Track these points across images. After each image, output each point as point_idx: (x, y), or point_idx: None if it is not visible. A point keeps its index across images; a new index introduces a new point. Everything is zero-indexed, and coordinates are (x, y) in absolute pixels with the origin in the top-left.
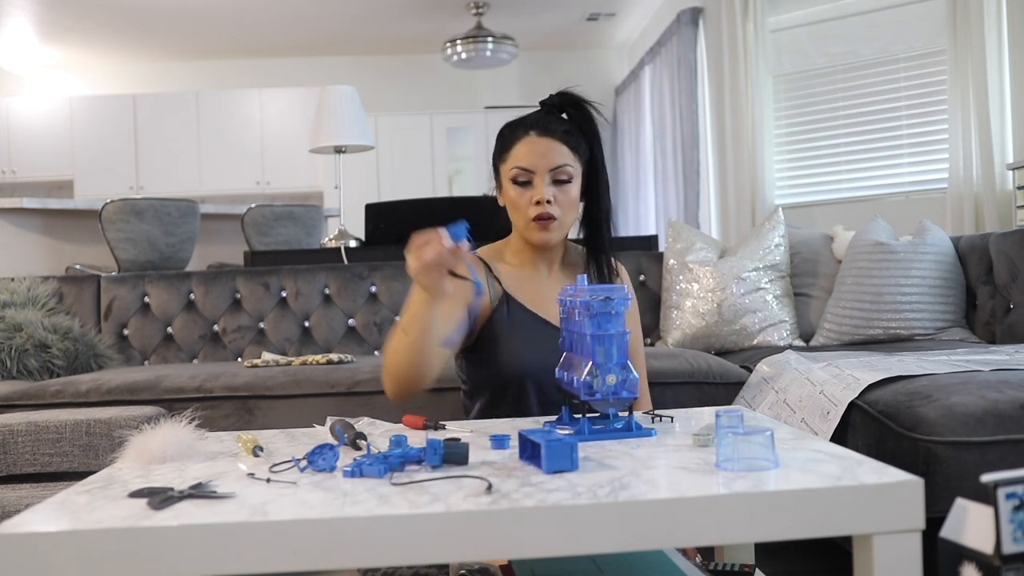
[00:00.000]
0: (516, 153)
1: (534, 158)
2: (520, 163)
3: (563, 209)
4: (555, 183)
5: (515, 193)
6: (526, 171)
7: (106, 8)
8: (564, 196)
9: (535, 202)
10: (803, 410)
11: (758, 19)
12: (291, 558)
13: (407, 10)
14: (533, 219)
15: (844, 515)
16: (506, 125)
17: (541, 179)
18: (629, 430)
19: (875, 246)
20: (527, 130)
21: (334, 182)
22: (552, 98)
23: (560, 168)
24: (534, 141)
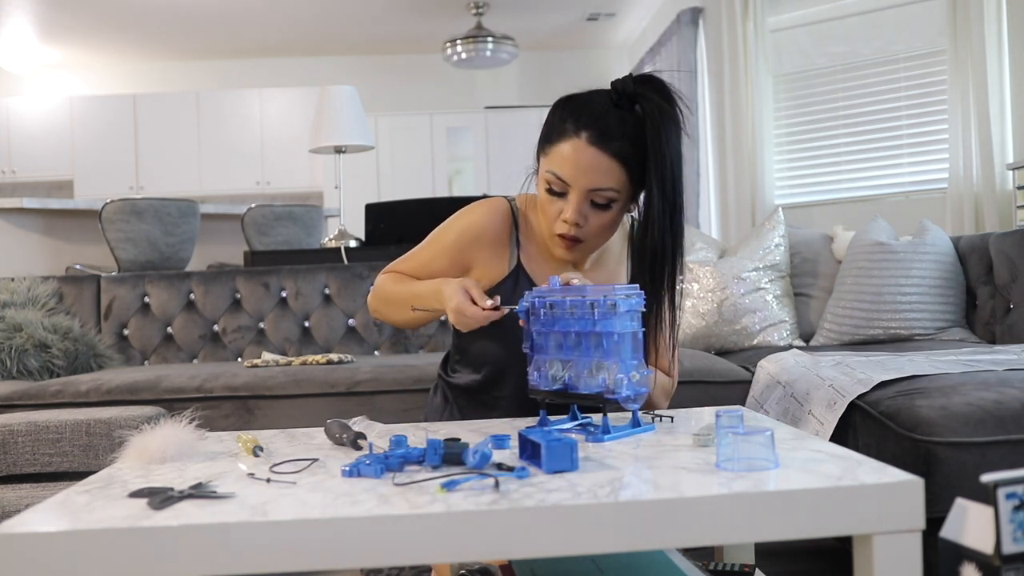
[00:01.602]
0: (558, 153)
1: (574, 171)
2: (557, 170)
3: (592, 233)
4: (594, 205)
5: (546, 198)
6: (561, 180)
7: (106, 8)
8: (598, 219)
9: (563, 219)
10: (810, 402)
11: (758, 19)
12: (291, 558)
13: (407, 10)
14: (557, 234)
15: (844, 515)
16: (561, 105)
17: (576, 196)
18: (638, 425)
19: (875, 246)
20: (579, 130)
21: (334, 182)
22: (627, 82)
23: (600, 191)
24: (581, 149)
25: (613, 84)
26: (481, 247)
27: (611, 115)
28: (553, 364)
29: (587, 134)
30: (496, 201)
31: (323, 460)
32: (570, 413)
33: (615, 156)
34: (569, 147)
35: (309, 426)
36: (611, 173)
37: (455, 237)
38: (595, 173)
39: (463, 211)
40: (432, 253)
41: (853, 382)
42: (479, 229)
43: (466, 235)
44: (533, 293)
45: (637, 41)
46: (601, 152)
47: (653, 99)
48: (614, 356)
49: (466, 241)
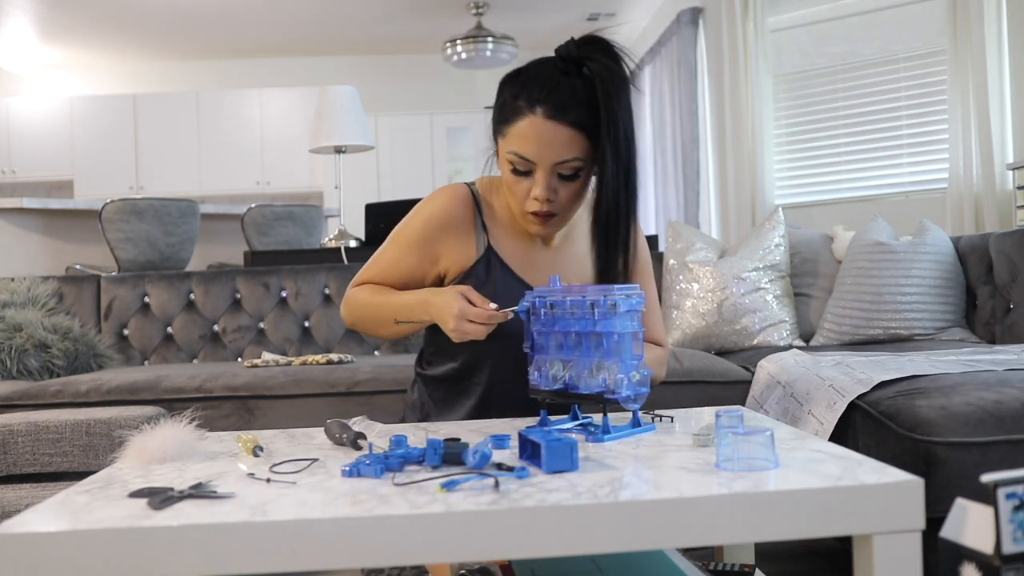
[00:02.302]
0: (517, 132)
1: (537, 148)
2: (519, 149)
3: (564, 205)
4: (559, 176)
5: (512, 179)
6: (525, 160)
7: (106, 8)
8: (567, 191)
9: (533, 196)
10: (810, 402)
11: (758, 19)
12: (291, 558)
13: (407, 10)
14: (530, 212)
15: (844, 515)
16: (509, 83)
17: (543, 172)
18: (638, 425)
19: (875, 246)
20: (533, 105)
21: (334, 182)
22: (570, 48)
23: (566, 163)
24: (539, 124)
25: (557, 51)
26: (447, 234)
27: (562, 84)
28: (554, 364)
29: (542, 109)
30: (454, 187)
31: (323, 460)
32: (571, 413)
33: (573, 125)
34: (527, 124)
35: (309, 426)
36: (573, 143)
37: (420, 229)
38: (558, 146)
39: (422, 202)
40: (398, 251)
41: (853, 382)
42: (443, 216)
43: (431, 225)
44: (534, 293)
45: (637, 41)
46: (559, 124)
47: (599, 59)
48: (614, 356)
49: (432, 231)
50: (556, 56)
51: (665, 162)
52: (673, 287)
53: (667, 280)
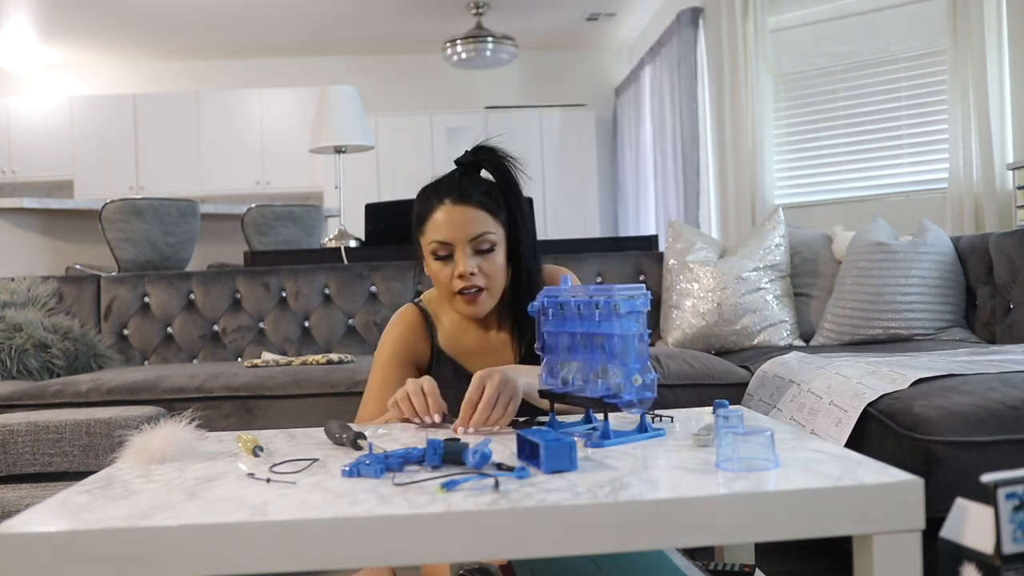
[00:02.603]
0: (433, 224)
1: (452, 230)
2: (438, 236)
3: (489, 278)
4: (477, 252)
5: (436, 267)
6: (445, 244)
7: (106, 8)
8: (488, 265)
9: (458, 275)
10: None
11: (758, 19)
12: (291, 558)
13: (407, 10)
14: (457, 292)
15: (844, 515)
16: (422, 191)
17: (462, 251)
18: (645, 431)
19: (875, 246)
20: (442, 198)
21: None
22: (467, 155)
23: (480, 237)
24: (450, 210)
25: (456, 161)
26: (410, 344)
27: (463, 180)
28: (564, 366)
29: (449, 199)
30: (405, 309)
31: (323, 460)
32: (584, 415)
33: (478, 206)
34: (439, 214)
35: (309, 426)
36: (481, 220)
37: (391, 349)
38: (470, 224)
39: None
40: (385, 373)
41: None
42: (404, 332)
43: (397, 342)
44: (544, 293)
45: (637, 41)
46: (466, 206)
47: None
48: (616, 359)
49: (399, 346)
50: (456, 165)
51: (665, 162)
52: (673, 287)
53: (667, 280)
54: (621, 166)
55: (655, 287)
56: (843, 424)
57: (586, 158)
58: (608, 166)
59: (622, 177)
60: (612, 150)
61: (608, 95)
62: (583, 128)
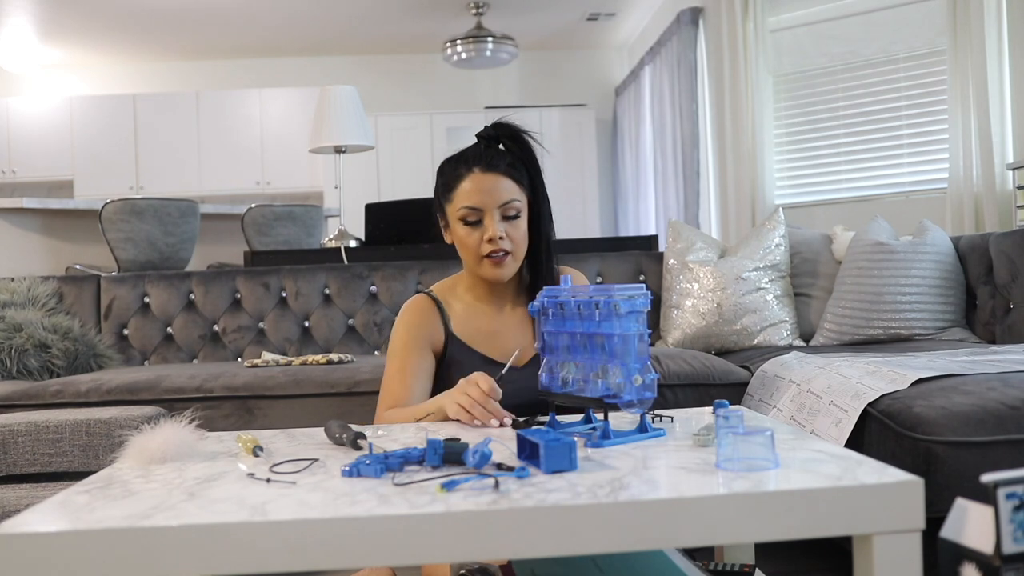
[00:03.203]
0: (462, 191)
1: (482, 196)
2: (468, 202)
3: (515, 244)
4: (504, 219)
5: (464, 232)
6: (475, 210)
7: (106, 8)
8: (514, 231)
9: (487, 240)
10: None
11: (758, 19)
12: (291, 558)
13: (407, 10)
14: (485, 256)
15: (844, 515)
16: (446, 162)
17: (491, 216)
18: (645, 431)
19: (875, 246)
20: (470, 167)
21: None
22: (488, 130)
23: (508, 204)
24: (480, 178)
25: (478, 135)
26: (424, 328)
27: (489, 151)
28: (564, 366)
29: (478, 167)
30: (414, 299)
31: (323, 460)
32: (584, 415)
33: (505, 174)
34: (469, 182)
35: (309, 426)
36: (509, 187)
37: (406, 335)
38: (498, 191)
39: (397, 319)
40: (403, 359)
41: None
42: (414, 323)
43: (411, 326)
44: (544, 293)
45: (637, 41)
46: (495, 174)
47: (511, 132)
48: (616, 359)
49: (414, 330)
50: (478, 139)
51: (665, 162)
52: (673, 287)
53: (667, 280)
54: (621, 166)
55: (655, 287)
56: (843, 424)
57: (586, 158)
58: (608, 166)
59: (622, 177)
60: (612, 150)
61: (608, 95)
62: (583, 128)
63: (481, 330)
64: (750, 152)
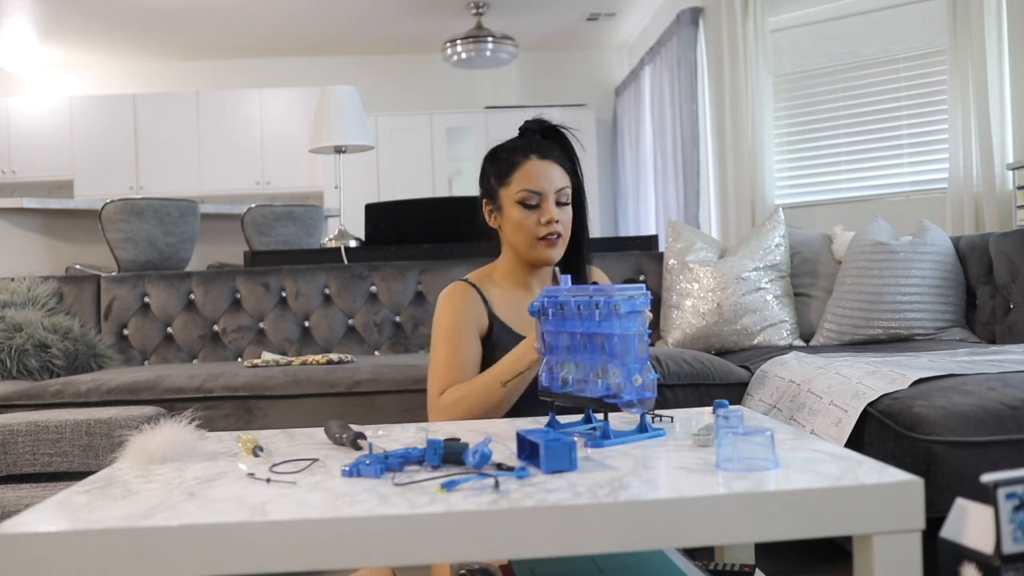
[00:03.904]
0: (522, 175)
1: (542, 181)
2: (529, 186)
3: (566, 227)
4: (558, 204)
5: (522, 215)
6: (535, 193)
7: (106, 8)
8: (565, 216)
9: (545, 221)
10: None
11: (758, 19)
12: (291, 558)
13: (407, 10)
14: (541, 238)
15: (844, 515)
16: (502, 149)
17: (548, 201)
18: (645, 431)
19: (875, 246)
20: (527, 153)
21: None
22: (532, 123)
23: (562, 190)
24: (538, 164)
25: (521, 128)
26: (470, 313)
27: (543, 141)
28: (564, 366)
29: (535, 154)
30: (455, 286)
31: (323, 460)
32: (584, 415)
33: (558, 163)
34: (528, 166)
35: (309, 426)
36: (561, 175)
37: (454, 318)
38: (555, 177)
39: (440, 306)
40: (454, 343)
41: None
42: (462, 302)
43: (458, 311)
44: (544, 293)
45: (637, 41)
46: (551, 162)
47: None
48: (616, 359)
49: (461, 315)
50: (520, 132)
51: (665, 162)
52: (673, 287)
53: (667, 280)
54: (621, 166)
55: (655, 287)
56: (843, 424)
57: (586, 158)
58: (608, 166)
59: (622, 177)
60: (612, 150)
61: (608, 95)
62: (583, 128)
63: (522, 314)
64: (750, 152)
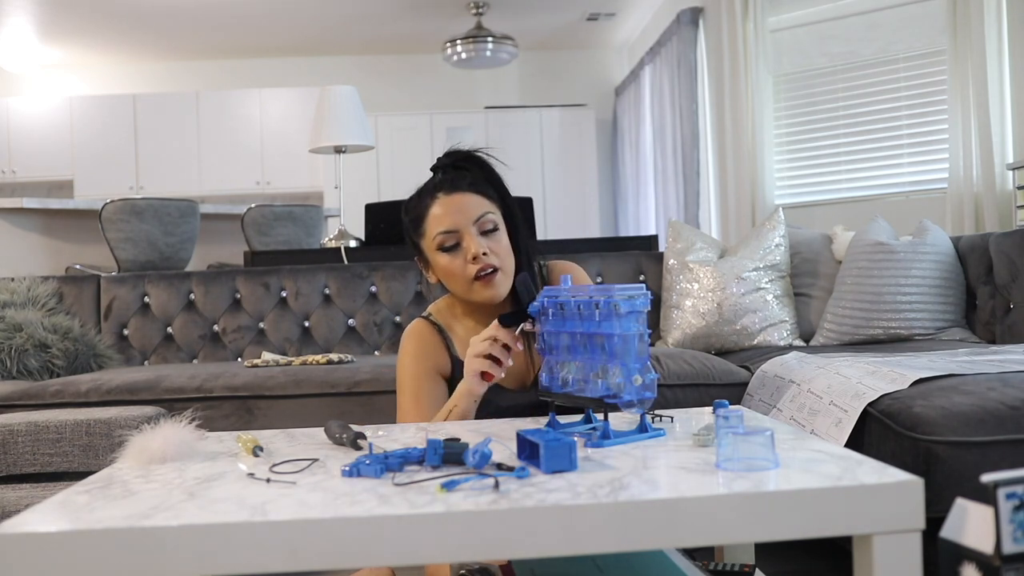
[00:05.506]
0: (433, 219)
1: (454, 216)
2: (441, 227)
3: (500, 258)
4: (483, 234)
5: (446, 260)
6: (451, 232)
7: (106, 8)
8: (496, 245)
9: (471, 259)
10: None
11: (758, 19)
12: (291, 558)
13: (407, 10)
14: (474, 278)
15: (844, 515)
16: (408, 201)
17: (469, 235)
18: (645, 431)
19: (875, 246)
20: (434, 194)
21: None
22: (441, 160)
23: (483, 218)
24: (446, 201)
25: (432, 168)
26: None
27: (446, 176)
28: (564, 366)
29: (441, 192)
30: (415, 326)
31: (323, 460)
32: (584, 416)
33: (471, 191)
34: (436, 208)
35: (309, 426)
36: (477, 202)
37: (414, 363)
38: (468, 207)
39: (401, 348)
40: (415, 389)
41: (887, 382)
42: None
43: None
44: (544, 293)
45: (637, 41)
46: (461, 193)
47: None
48: (616, 359)
49: (421, 359)
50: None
51: (665, 162)
52: (673, 287)
53: (667, 280)
54: (621, 166)
55: (655, 287)
56: (843, 424)
57: (586, 158)
58: (608, 166)
59: (622, 177)
60: (612, 150)
61: (608, 95)
62: (583, 128)
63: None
64: (750, 152)
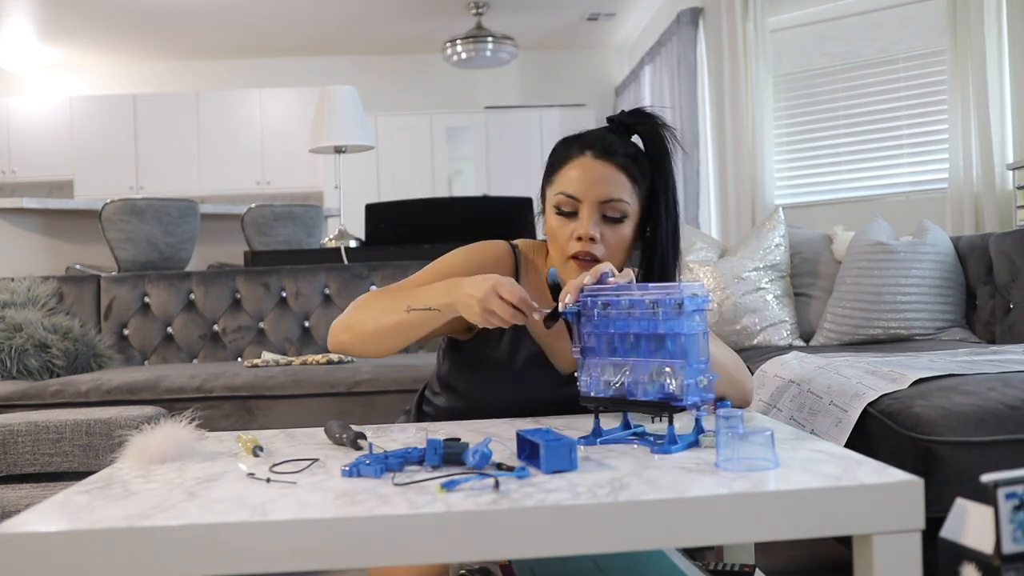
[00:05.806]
0: (564, 176)
1: (583, 185)
2: (566, 189)
3: (609, 250)
4: (605, 219)
5: (556, 223)
6: (572, 199)
7: (106, 8)
8: (613, 235)
9: (576, 236)
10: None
11: (758, 19)
12: (291, 558)
13: (407, 10)
14: (571, 256)
15: (844, 515)
16: (561, 140)
17: (588, 211)
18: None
19: (875, 246)
20: (583, 149)
21: (334, 182)
22: (621, 115)
23: (612, 202)
24: (588, 164)
25: (609, 118)
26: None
27: (611, 137)
28: (606, 369)
29: (591, 152)
30: (495, 242)
31: (323, 460)
32: (622, 421)
33: (620, 168)
34: (575, 165)
35: (309, 426)
36: (619, 184)
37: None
38: (605, 184)
39: (463, 248)
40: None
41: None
42: (482, 260)
43: (470, 263)
44: (585, 292)
45: (637, 41)
46: (608, 164)
47: (650, 124)
48: (680, 359)
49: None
50: (608, 121)
51: None
52: None
53: None
54: None
55: None
56: (843, 424)
57: None
58: None
59: None
60: None
61: (608, 95)
62: (583, 128)
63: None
64: (750, 152)
